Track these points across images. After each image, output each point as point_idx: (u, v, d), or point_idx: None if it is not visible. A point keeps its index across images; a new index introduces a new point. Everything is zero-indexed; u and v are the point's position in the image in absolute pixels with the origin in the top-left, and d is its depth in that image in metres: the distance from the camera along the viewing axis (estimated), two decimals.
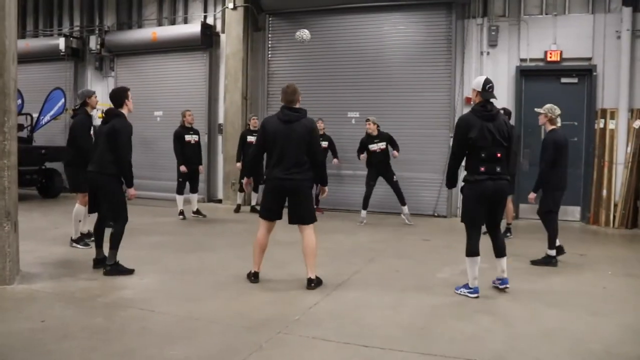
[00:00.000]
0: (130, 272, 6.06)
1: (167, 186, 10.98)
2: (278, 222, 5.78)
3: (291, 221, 5.71)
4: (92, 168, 6.13)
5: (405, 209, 10.32)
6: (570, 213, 10.80)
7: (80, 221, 7.62)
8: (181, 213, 10.61)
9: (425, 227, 10.06)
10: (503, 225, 6.43)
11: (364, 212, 10.33)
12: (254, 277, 5.82)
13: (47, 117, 13.99)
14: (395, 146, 10.29)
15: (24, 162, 7.47)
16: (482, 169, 5.33)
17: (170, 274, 6.23)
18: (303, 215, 5.67)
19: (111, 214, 6.14)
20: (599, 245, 8.73)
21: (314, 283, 5.60)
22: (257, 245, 5.80)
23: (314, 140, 5.67)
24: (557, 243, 7.07)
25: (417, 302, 5.32)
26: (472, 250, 5.45)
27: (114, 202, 6.07)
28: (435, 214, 11.41)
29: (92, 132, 7.61)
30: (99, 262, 6.20)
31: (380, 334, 4.39)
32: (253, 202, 11.76)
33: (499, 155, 5.37)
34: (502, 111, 6.04)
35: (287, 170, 5.53)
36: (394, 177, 10.26)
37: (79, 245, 7.46)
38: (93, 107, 7.90)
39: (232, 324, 4.59)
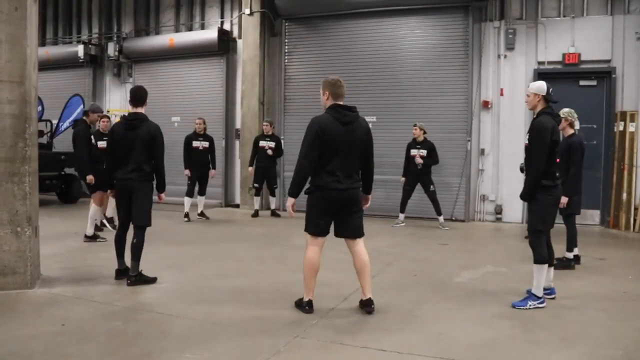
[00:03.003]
0: (153, 280, 6.02)
1: (184, 191, 11.06)
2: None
3: (341, 234, 5.12)
4: (126, 175, 5.92)
5: (441, 218, 10.45)
6: (589, 217, 10.69)
7: (96, 220, 8.46)
8: (186, 215, 10.92)
9: (442, 231, 10.02)
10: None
11: (401, 216, 10.54)
12: (308, 306, 5.00)
13: (67, 123, 14.15)
14: (432, 157, 10.38)
15: (44, 167, 7.57)
16: (557, 173, 5.31)
17: (188, 279, 6.27)
18: (357, 228, 5.08)
19: (138, 218, 5.94)
20: (619, 249, 8.63)
21: (373, 304, 5.02)
22: (309, 267, 4.98)
23: (371, 142, 5.10)
24: (576, 251, 7.04)
25: (435, 306, 5.30)
26: (546, 257, 5.29)
27: (145, 206, 5.96)
28: (453, 218, 11.35)
29: (93, 140, 8.89)
30: (121, 273, 6.12)
31: (398, 338, 4.38)
32: (272, 207, 11.82)
33: (558, 160, 5.41)
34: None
35: (347, 179, 4.92)
36: (431, 186, 10.37)
37: (105, 229, 8.56)
38: (92, 122, 9.00)
39: (250, 327, 4.60)
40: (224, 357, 3.99)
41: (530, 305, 5.22)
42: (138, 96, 6.05)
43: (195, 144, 10.98)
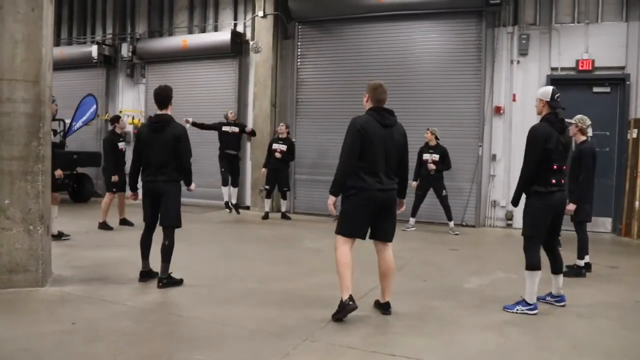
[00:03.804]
0: (181, 282, 6.01)
1: (198, 192, 11.09)
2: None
3: (376, 236, 5.15)
4: (154, 177, 5.90)
5: (451, 223, 10.44)
6: (601, 224, 10.62)
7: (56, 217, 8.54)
8: (227, 205, 11.43)
9: (453, 237, 9.99)
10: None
11: (412, 220, 10.57)
12: (351, 301, 4.81)
13: (80, 123, 14.23)
14: (444, 162, 10.38)
15: (57, 166, 7.64)
16: (554, 180, 5.24)
17: (198, 280, 6.27)
18: (391, 232, 5.17)
19: (167, 219, 5.93)
20: (631, 258, 8.55)
21: (391, 308, 5.12)
22: (343, 265, 4.91)
23: (407, 147, 5.18)
24: (587, 259, 7.01)
25: (445, 312, 5.28)
26: (536, 264, 5.27)
27: (175, 207, 5.97)
28: (464, 223, 11.31)
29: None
30: (146, 275, 6.11)
31: (407, 343, 4.37)
32: (283, 209, 11.86)
33: (564, 167, 5.38)
34: None
35: (385, 180, 4.94)
36: (444, 191, 10.37)
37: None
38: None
39: (259, 330, 4.61)
40: (233, 358, 4.00)
41: (518, 310, 5.25)
42: (163, 97, 6.03)
43: (225, 128, 11.43)
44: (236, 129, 11.62)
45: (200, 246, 8.37)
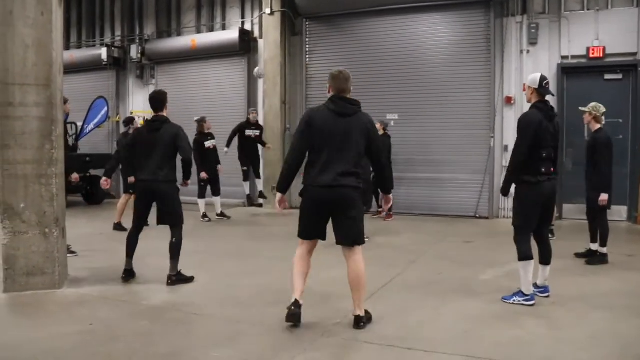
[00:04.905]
0: (191, 279, 6.05)
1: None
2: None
3: (336, 240, 4.60)
4: (148, 177, 5.96)
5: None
6: (616, 213, 10.49)
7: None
8: (204, 216, 11.01)
9: (466, 229, 9.96)
10: None
11: None
12: (293, 305, 4.51)
13: (91, 126, 14.35)
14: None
15: (70, 169, 7.69)
16: (543, 169, 5.18)
17: (213, 278, 6.31)
18: (351, 235, 4.52)
19: (171, 219, 6.02)
20: None
21: (363, 322, 4.52)
22: (294, 270, 4.66)
23: (375, 137, 4.66)
24: (594, 247, 7.06)
25: (461, 305, 5.26)
26: (528, 254, 5.23)
27: (176, 208, 6.05)
28: (477, 216, 11.27)
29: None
30: (129, 273, 6.13)
31: (424, 337, 4.36)
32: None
33: (553, 155, 5.31)
34: None
35: (337, 176, 4.42)
36: None
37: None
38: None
39: (275, 326, 4.61)
40: (250, 355, 4.01)
41: (514, 301, 5.22)
42: (157, 101, 6.19)
43: (207, 144, 11.01)
44: (257, 133, 11.74)
45: (213, 244, 8.42)
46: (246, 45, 13.42)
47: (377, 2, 11.97)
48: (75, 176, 7.87)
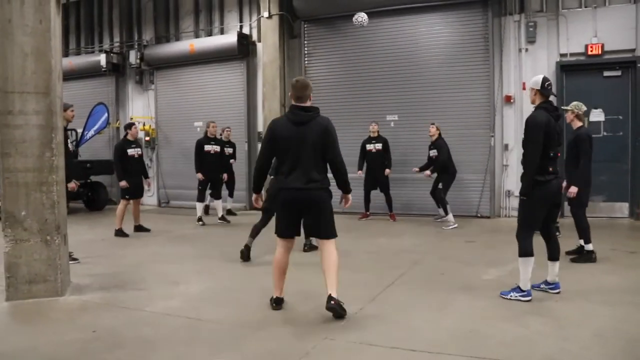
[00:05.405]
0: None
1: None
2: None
3: (311, 234, 5.40)
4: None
5: (441, 211, 10.55)
6: (618, 209, 10.51)
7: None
8: (200, 219, 10.96)
9: (468, 228, 9.95)
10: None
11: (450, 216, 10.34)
12: (275, 302, 5.16)
13: (91, 132, 14.35)
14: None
15: (70, 176, 7.69)
16: (550, 168, 5.24)
17: (216, 283, 6.30)
18: (321, 230, 5.02)
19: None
20: None
21: (333, 301, 4.75)
22: (275, 267, 5.14)
23: (331, 140, 4.91)
24: (581, 243, 7.04)
25: (464, 304, 5.25)
26: (529, 251, 5.27)
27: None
28: (479, 215, 11.27)
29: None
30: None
31: (428, 337, 4.35)
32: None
33: (559, 154, 5.38)
34: None
35: (302, 179, 4.85)
36: (439, 184, 10.45)
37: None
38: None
39: (278, 330, 4.61)
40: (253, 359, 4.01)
41: (511, 296, 5.29)
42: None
43: (207, 147, 10.99)
44: (217, 148, 11.25)
45: (216, 249, 8.39)
46: (245, 49, 13.42)
47: (375, 4, 11.96)
48: (72, 185, 7.86)
